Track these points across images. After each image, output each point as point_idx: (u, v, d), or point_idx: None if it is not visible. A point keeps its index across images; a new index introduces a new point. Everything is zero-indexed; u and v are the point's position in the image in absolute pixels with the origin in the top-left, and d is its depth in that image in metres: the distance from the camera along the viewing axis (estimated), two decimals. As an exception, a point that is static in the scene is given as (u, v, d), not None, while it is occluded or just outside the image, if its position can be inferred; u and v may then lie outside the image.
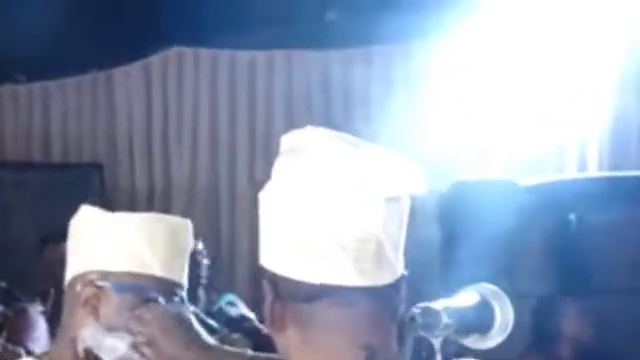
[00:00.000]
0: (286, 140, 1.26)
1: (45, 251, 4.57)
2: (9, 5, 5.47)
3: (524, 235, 4.46)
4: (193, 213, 6.30)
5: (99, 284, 1.75)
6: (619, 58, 5.80)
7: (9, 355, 3.69)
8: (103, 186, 6.54)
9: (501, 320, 1.13)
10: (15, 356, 3.60)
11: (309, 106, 6.45)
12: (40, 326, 4.28)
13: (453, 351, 1.10)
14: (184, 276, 1.81)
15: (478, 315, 1.12)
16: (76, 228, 1.82)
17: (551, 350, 4.16)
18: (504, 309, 1.14)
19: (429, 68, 5.97)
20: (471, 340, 1.12)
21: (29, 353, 3.67)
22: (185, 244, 1.82)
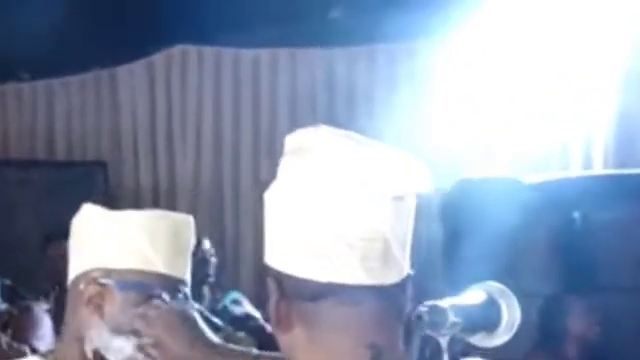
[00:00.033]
0: (291, 139, 1.25)
1: (49, 249, 4.58)
2: (13, 3, 5.47)
3: (528, 233, 4.45)
4: (197, 211, 6.30)
5: (102, 282, 1.74)
6: (624, 55, 5.79)
7: (14, 353, 3.69)
8: (107, 184, 6.54)
9: (508, 318, 1.13)
10: (20, 354, 3.60)
11: (313, 104, 6.44)
12: (45, 324, 4.28)
13: (460, 349, 1.09)
14: (187, 273, 1.81)
15: (485, 313, 1.12)
16: (78, 226, 1.81)
17: (557, 348, 4.15)
18: (511, 307, 1.13)
19: (433, 66, 5.96)
20: (478, 338, 1.12)
21: (34, 351, 3.67)
22: (188, 241, 1.82)
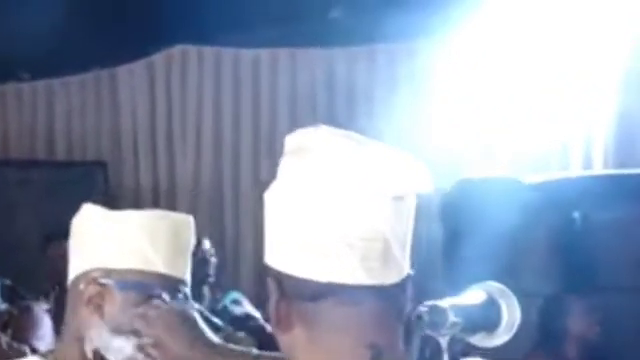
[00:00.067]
0: (291, 139, 1.25)
1: (49, 249, 4.58)
2: (13, 3, 5.47)
3: (528, 233, 4.45)
4: (197, 211, 6.30)
5: (102, 282, 1.74)
6: (624, 55, 5.78)
7: (14, 353, 3.69)
8: (107, 184, 6.53)
9: (508, 318, 1.13)
10: (20, 354, 3.60)
11: (313, 104, 6.44)
12: (45, 324, 4.28)
13: (460, 349, 1.09)
14: (187, 273, 1.81)
15: (485, 313, 1.12)
16: (78, 227, 1.81)
17: (557, 348, 4.15)
18: (511, 307, 1.13)
19: (433, 66, 5.96)
20: (478, 338, 1.12)
21: (34, 351, 3.67)
22: (188, 240, 1.82)
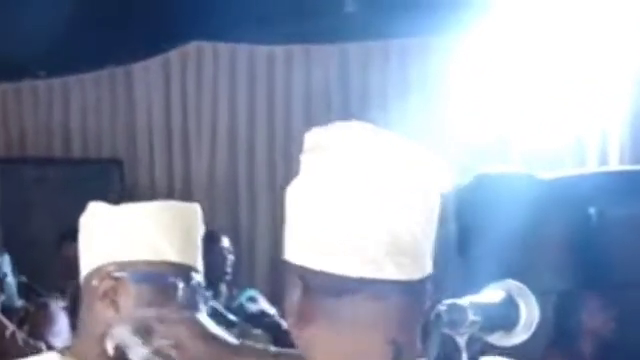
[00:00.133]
0: (312, 135, 1.24)
1: (63, 248, 4.56)
2: (28, 2, 5.48)
3: (543, 229, 4.44)
4: (213, 208, 6.31)
5: (116, 275, 1.75)
6: (639, 50, 5.76)
7: (30, 349, 3.70)
8: (123, 181, 6.55)
9: (526, 317, 1.12)
10: (36, 350, 3.61)
11: (328, 100, 6.43)
12: (61, 321, 4.29)
13: (478, 348, 1.09)
14: (199, 260, 1.82)
15: (503, 312, 1.11)
16: (86, 224, 1.83)
17: (573, 346, 4.14)
18: (529, 306, 1.13)
19: (448, 62, 5.95)
20: (496, 337, 1.11)
21: (50, 348, 3.68)
22: (195, 228, 1.83)
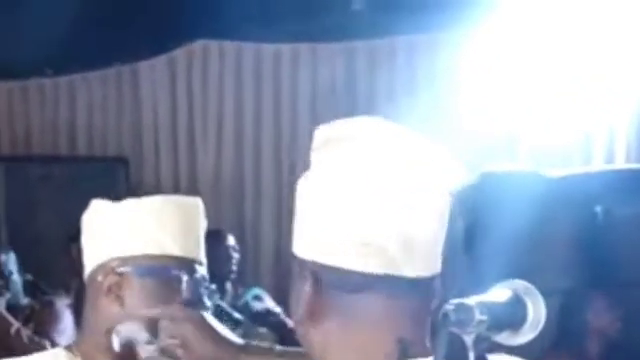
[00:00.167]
0: (323, 131, 1.23)
1: (73, 250, 4.55)
2: (35, 0, 5.48)
3: (549, 227, 4.41)
4: (218, 206, 6.31)
5: (120, 270, 1.77)
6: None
7: (35, 347, 3.70)
8: (128, 179, 6.55)
9: (533, 316, 1.12)
10: (41, 348, 3.62)
11: (334, 99, 6.42)
12: (66, 318, 4.30)
13: (485, 348, 1.08)
14: (201, 253, 1.83)
15: (510, 311, 1.11)
16: (89, 222, 1.85)
17: (578, 345, 4.12)
18: (536, 305, 1.13)
19: (455, 59, 5.93)
20: (503, 336, 1.11)
21: (55, 345, 3.68)
22: (197, 221, 1.83)
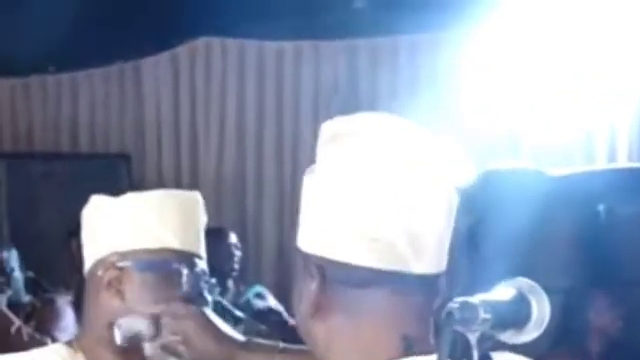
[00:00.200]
0: (329, 126, 1.22)
1: (72, 244, 4.56)
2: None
3: (551, 226, 4.42)
4: (220, 204, 6.31)
5: (120, 265, 1.77)
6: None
7: (36, 344, 3.69)
8: (130, 176, 6.55)
9: (537, 314, 1.12)
10: (42, 345, 3.61)
11: (336, 96, 6.42)
12: (67, 315, 4.30)
13: (489, 346, 1.08)
14: (201, 247, 1.83)
15: (515, 309, 1.10)
16: (89, 217, 1.85)
17: (580, 344, 4.12)
18: (540, 303, 1.12)
19: (457, 58, 5.93)
20: (507, 335, 1.10)
21: (55, 342, 3.68)
22: (197, 215, 1.83)
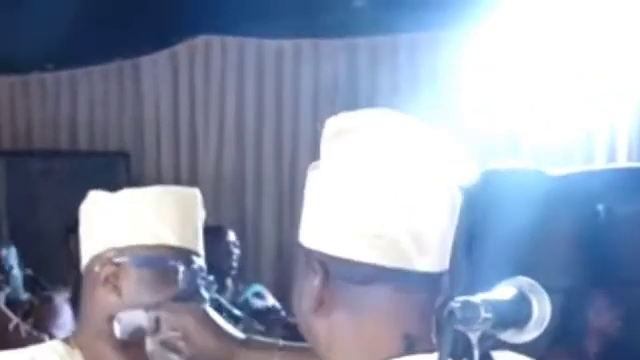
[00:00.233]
0: (333, 122, 1.22)
1: (69, 241, 4.56)
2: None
3: (551, 226, 4.41)
4: (219, 202, 6.31)
5: (117, 261, 1.77)
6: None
7: (33, 341, 3.69)
8: (129, 174, 6.54)
9: (538, 314, 1.12)
10: (39, 342, 3.60)
11: (336, 95, 6.42)
12: (65, 313, 4.30)
13: (490, 345, 1.08)
14: (199, 244, 1.82)
15: (515, 309, 1.10)
16: (86, 212, 1.85)
17: (578, 344, 4.12)
18: (541, 302, 1.12)
19: (457, 57, 5.93)
20: (508, 334, 1.10)
21: (53, 339, 3.68)
22: (195, 212, 1.83)
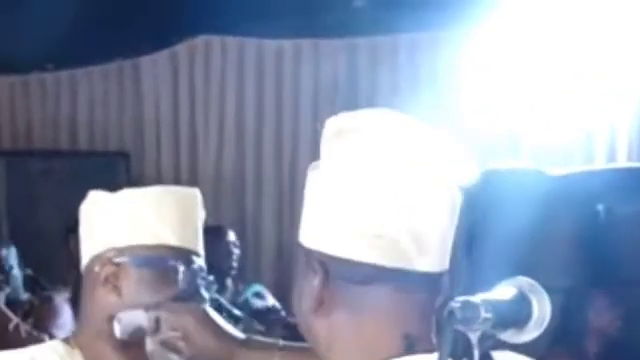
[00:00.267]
0: (333, 122, 1.22)
1: (70, 241, 4.56)
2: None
3: (551, 226, 4.41)
4: (219, 202, 6.30)
5: (117, 261, 1.77)
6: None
7: (33, 341, 3.69)
8: (129, 174, 6.54)
9: (538, 314, 1.12)
10: (39, 342, 3.60)
11: (336, 95, 6.42)
12: (65, 313, 4.30)
13: (490, 345, 1.08)
14: (199, 244, 1.82)
15: (515, 309, 1.10)
16: (86, 212, 1.85)
17: (578, 344, 4.11)
18: (541, 302, 1.12)
19: (457, 57, 5.93)
20: (508, 334, 1.10)
21: (53, 339, 3.68)
22: (195, 212, 1.83)
